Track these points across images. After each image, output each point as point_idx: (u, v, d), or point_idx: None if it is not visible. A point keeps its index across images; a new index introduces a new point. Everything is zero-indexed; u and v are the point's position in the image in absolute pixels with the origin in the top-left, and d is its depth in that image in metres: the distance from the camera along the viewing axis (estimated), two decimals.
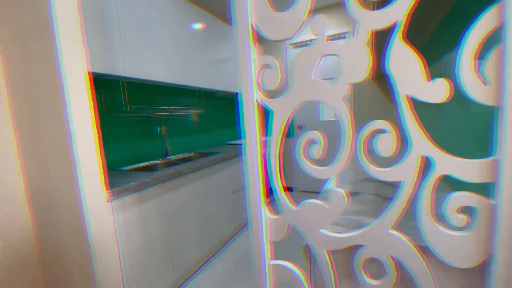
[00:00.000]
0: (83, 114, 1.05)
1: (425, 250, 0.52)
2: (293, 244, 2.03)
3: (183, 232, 1.66)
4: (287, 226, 0.64)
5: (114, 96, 1.73)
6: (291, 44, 3.25)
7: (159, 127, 1.98)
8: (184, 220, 1.66)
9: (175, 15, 1.92)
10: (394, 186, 0.94)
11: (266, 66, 0.60)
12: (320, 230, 0.59)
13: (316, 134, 0.57)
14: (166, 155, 2.06)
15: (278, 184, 0.63)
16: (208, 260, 1.96)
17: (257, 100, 0.62)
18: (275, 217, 0.65)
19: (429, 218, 0.50)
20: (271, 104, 0.61)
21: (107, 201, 1.16)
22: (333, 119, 3.20)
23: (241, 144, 2.80)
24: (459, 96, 0.47)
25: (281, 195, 0.63)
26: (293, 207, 0.62)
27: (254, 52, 0.61)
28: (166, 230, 1.52)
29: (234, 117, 3.33)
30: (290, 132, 3.42)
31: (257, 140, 0.63)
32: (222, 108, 3.04)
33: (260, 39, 2.77)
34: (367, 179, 1.05)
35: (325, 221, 0.58)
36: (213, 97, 2.83)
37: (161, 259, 1.49)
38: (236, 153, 2.26)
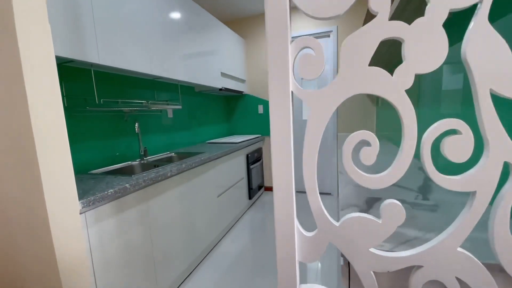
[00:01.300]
0: (48, 106, 0.84)
1: (492, 268, 0.46)
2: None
3: (168, 242, 1.48)
4: (326, 244, 0.53)
5: (82, 87, 1.48)
6: None
7: (136, 124, 1.76)
8: (168, 228, 1.48)
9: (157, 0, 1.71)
10: (412, 191, 0.89)
11: (304, 49, 0.49)
12: (370, 249, 0.50)
13: (369, 134, 0.47)
14: (144, 155, 1.84)
15: (314, 193, 0.52)
16: (194, 269, 1.79)
17: (292, 92, 0.50)
18: (311, 234, 0.54)
19: (507, 234, 0.43)
20: (308, 96, 0.50)
21: (80, 213, 0.95)
22: None
23: (225, 143, 2.64)
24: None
25: (319, 206, 0.52)
26: (335, 222, 0.52)
27: (290, 31, 0.49)
28: (149, 241, 1.33)
29: (216, 114, 3.15)
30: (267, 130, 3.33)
31: (291, 139, 0.52)
32: (202, 104, 2.85)
33: (244, 34, 2.62)
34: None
35: (377, 238, 0.49)
36: (192, 92, 2.64)
37: (144, 275, 1.30)
38: (222, 153, 2.11)
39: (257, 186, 3.06)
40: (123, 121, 1.78)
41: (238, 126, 3.52)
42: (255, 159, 3.04)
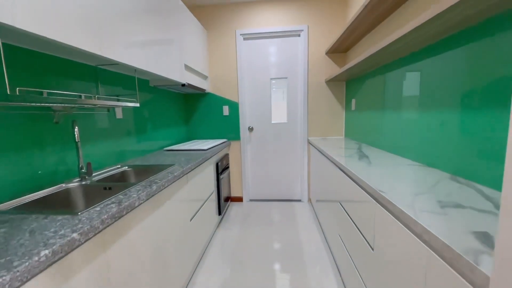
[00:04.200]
0: None
1: None
2: None
3: None
4: None
5: None
6: (241, 35, 2.85)
7: (76, 128, 1.20)
8: (136, 280, 1.01)
9: None
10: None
11: None
12: None
13: None
14: (87, 173, 1.28)
15: None
16: None
17: None
18: None
19: None
20: None
21: None
22: (285, 121, 3.00)
23: (189, 150, 2.19)
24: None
25: None
26: None
27: None
28: None
29: (173, 115, 2.64)
30: (236, 135, 3.01)
31: None
32: (158, 102, 2.33)
33: (209, 27, 2.24)
34: (458, 205, 0.78)
35: None
36: (146, 87, 2.10)
37: None
38: (195, 164, 1.69)
39: (224, 199, 2.68)
40: (52, 124, 1.20)
41: (199, 130, 3.06)
42: (224, 167, 2.66)
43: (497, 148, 0.90)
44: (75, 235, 0.68)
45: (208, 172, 2.12)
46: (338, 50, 2.70)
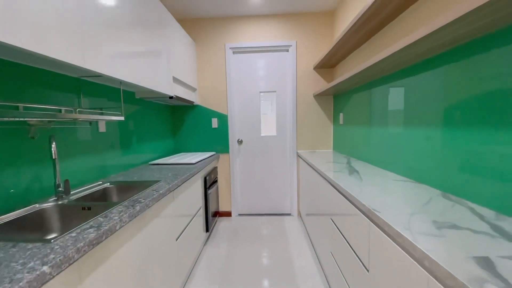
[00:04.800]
0: None
1: None
2: None
3: None
4: None
5: None
6: (231, 48, 2.86)
7: (53, 144, 1.12)
8: None
9: None
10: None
11: None
12: None
13: None
14: (64, 192, 1.19)
15: None
16: None
17: None
18: None
19: None
20: None
21: None
22: (274, 134, 2.99)
23: (176, 164, 2.11)
24: None
25: None
26: None
27: None
28: None
29: (159, 127, 2.56)
30: (225, 147, 2.96)
31: None
32: (144, 115, 2.26)
33: (198, 40, 2.24)
34: (454, 226, 0.77)
35: None
36: (131, 99, 2.04)
37: None
38: (182, 179, 1.62)
39: (212, 214, 2.59)
40: (27, 139, 1.11)
41: (187, 142, 2.99)
42: (212, 181, 2.58)
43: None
44: (45, 268, 0.61)
45: (195, 187, 2.04)
46: (326, 66, 2.76)
